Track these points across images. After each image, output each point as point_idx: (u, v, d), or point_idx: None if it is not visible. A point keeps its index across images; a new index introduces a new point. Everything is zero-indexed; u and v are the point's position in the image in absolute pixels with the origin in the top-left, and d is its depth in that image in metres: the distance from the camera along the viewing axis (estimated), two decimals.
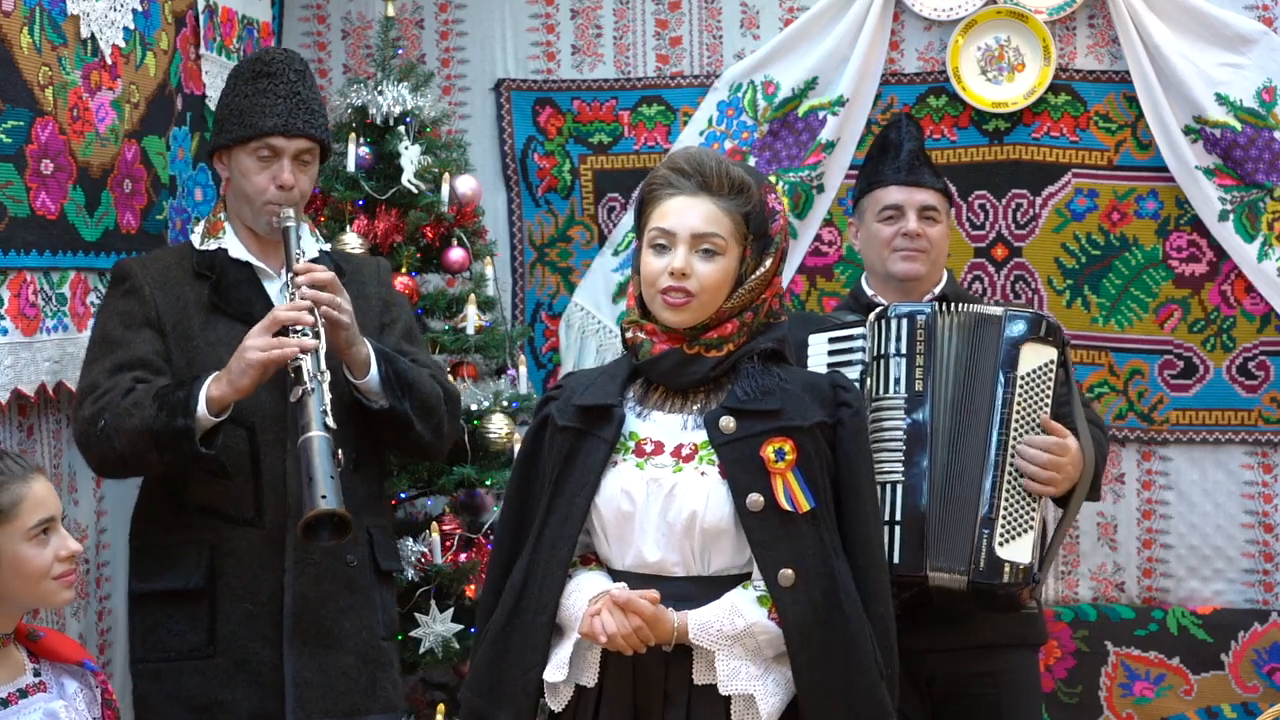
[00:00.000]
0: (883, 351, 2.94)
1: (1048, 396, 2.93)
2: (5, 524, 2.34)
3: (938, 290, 3.22)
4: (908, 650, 2.88)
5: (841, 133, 4.20)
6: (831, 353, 3.05)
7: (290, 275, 2.89)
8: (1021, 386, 2.90)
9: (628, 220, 4.33)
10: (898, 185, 3.22)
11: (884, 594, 2.43)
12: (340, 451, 2.72)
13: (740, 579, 2.37)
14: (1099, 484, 3.09)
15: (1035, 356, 2.92)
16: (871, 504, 2.46)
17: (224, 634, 2.93)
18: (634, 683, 2.35)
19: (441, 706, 3.77)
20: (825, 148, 4.19)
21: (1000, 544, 2.84)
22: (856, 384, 2.93)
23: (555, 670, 2.37)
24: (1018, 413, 2.89)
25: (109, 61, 3.18)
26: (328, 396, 2.76)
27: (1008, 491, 2.87)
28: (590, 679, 2.37)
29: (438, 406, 3.08)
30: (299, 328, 2.81)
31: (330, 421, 2.73)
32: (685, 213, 2.38)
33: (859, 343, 3.00)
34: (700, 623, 2.30)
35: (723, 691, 2.30)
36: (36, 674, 2.44)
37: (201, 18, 3.66)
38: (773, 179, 4.21)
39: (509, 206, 4.45)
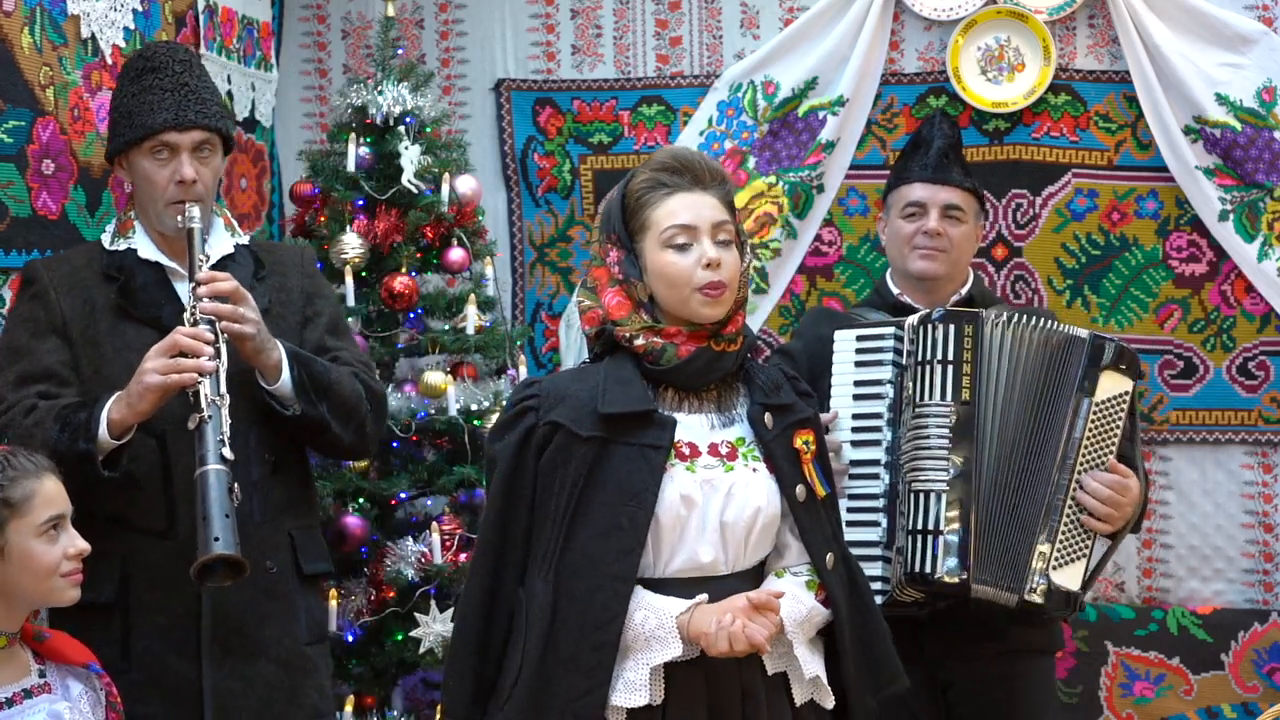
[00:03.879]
0: (926, 357, 2.91)
1: (1118, 428, 2.91)
2: (16, 519, 2.35)
3: (964, 292, 3.20)
4: (925, 655, 2.89)
5: (841, 133, 4.20)
6: (859, 351, 3.02)
7: (193, 286, 2.78)
8: (1095, 414, 2.89)
9: None
10: (922, 182, 3.21)
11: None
12: (237, 486, 2.61)
13: (758, 569, 2.44)
14: (1141, 517, 3.09)
15: (1113, 385, 2.91)
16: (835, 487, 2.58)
17: (138, 649, 2.84)
18: (707, 686, 2.34)
19: (442, 706, 3.77)
20: (825, 148, 4.19)
21: (1054, 568, 2.86)
22: (890, 385, 2.94)
23: (629, 694, 2.30)
24: (1088, 440, 2.88)
25: (109, 61, 3.18)
26: (226, 424, 2.66)
27: (1068, 518, 2.88)
28: (659, 695, 2.32)
29: (358, 408, 2.97)
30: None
31: (227, 452, 2.62)
32: (698, 207, 2.38)
33: (889, 343, 2.97)
34: (784, 614, 2.35)
35: (807, 676, 2.38)
36: (41, 675, 2.44)
37: (201, 18, 3.66)
38: (772, 179, 4.21)
39: (509, 206, 4.45)
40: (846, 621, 2.41)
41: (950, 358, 2.90)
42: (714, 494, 2.36)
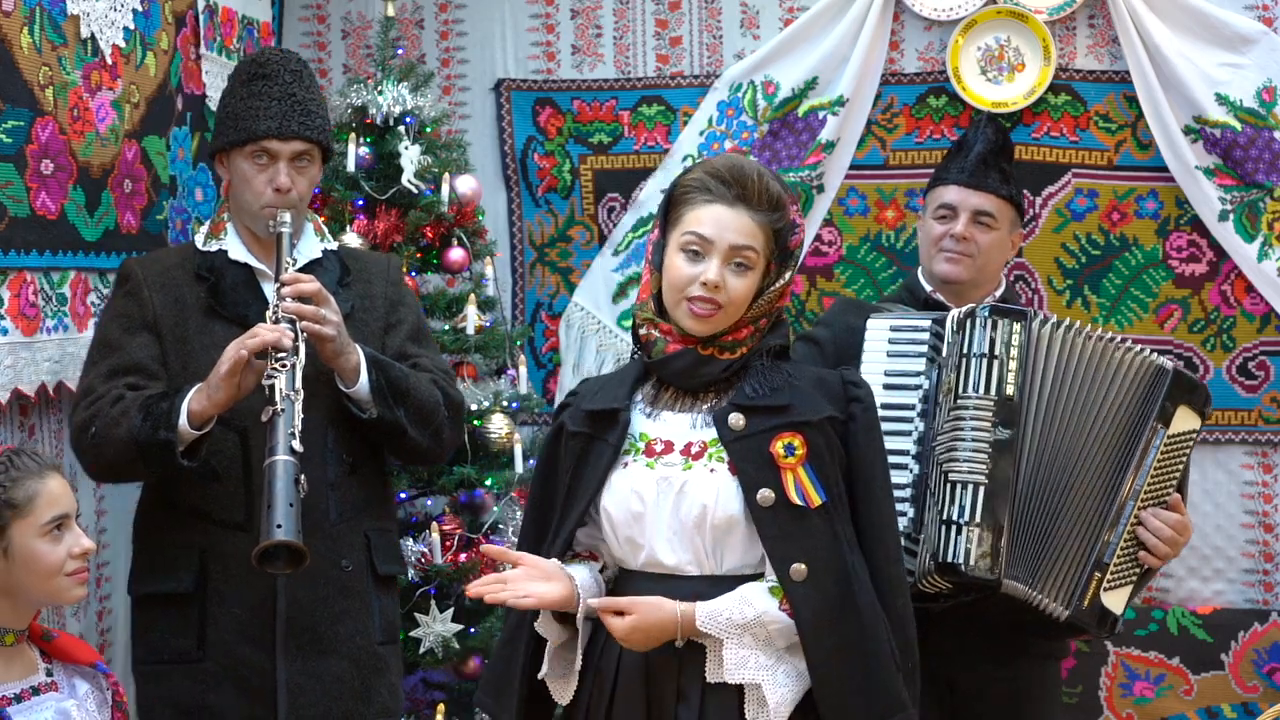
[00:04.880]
0: (969, 351, 2.90)
1: (1182, 463, 2.95)
2: (19, 519, 2.36)
3: (995, 296, 3.21)
4: (932, 652, 2.90)
5: (841, 133, 4.20)
6: (892, 341, 3.02)
7: (278, 287, 2.87)
8: (1167, 446, 2.91)
9: (628, 220, 4.33)
10: (957, 185, 3.22)
11: (902, 587, 2.44)
12: (303, 477, 2.68)
13: (753, 578, 2.38)
14: None
15: (1185, 421, 2.93)
16: (887, 498, 2.46)
17: (213, 638, 2.92)
18: (646, 681, 2.37)
19: (441, 706, 3.77)
20: (825, 148, 4.19)
21: (1106, 589, 2.88)
22: (924, 377, 2.94)
23: (545, 665, 2.43)
24: (1155, 470, 2.91)
25: (109, 61, 3.18)
26: (298, 418, 2.72)
27: (1125, 541, 2.90)
28: (576, 664, 2.41)
29: (435, 413, 3.04)
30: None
31: (297, 445, 2.69)
32: (724, 223, 2.37)
33: (924, 335, 2.97)
34: (709, 611, 2.31)
35: (729, 680, 2.30)
36: (49, 673, 2.46)
37: (201, 18, 3.66)
38: None
39: (509, 206, 4.45)
40: (821, 636, 2.31)
41: (996, 353, 2.89)
42: (668, 491, 2.37)
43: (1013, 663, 3.08)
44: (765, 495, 2.33)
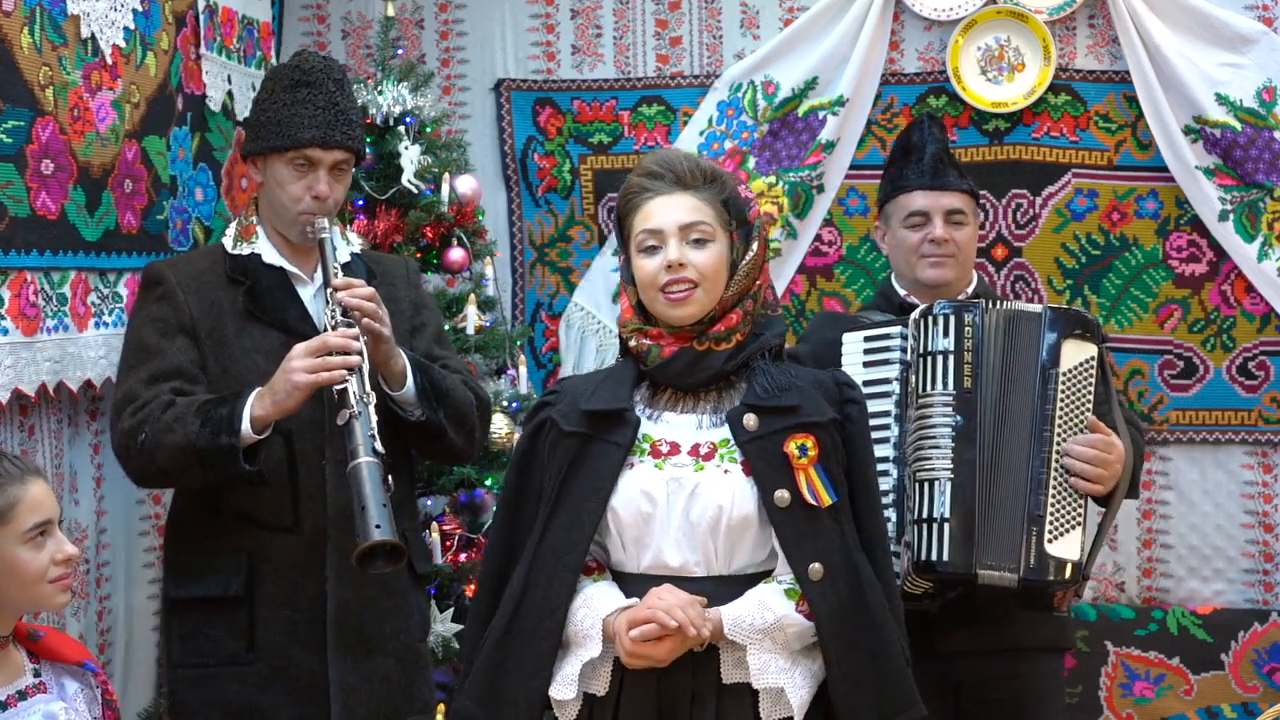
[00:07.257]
0: (928, 349, 2.92)
1: (1090, 393, 2.91)
2: (1, 526, 2.33)
3: (969, 291, 3.20)
4: (938, 653, 2.89)
5: (841, 133, 4.20)
6: (867, 351, 3.03)
7: (330, 290, 2.87)
8: (1064, 383, 2.88)
9: None
10: (923, 190, 3.20)
11: (895, 585, 2.49)
12: (390, 477, 2.70)
13: (758, 577, 2.38)
14: (1138, 481, 3.08)
15: (1076, 353, 2.90)
16: (878, 498, 2.51)
17: (263, 640, 2.92)
18: (658, 686, 2.34)
19: (442, 706, 3.77)
20: (825, 148, 4.19)
21: (1050, 541, 2.83)
22: (896, 382, 2.95)
23: (563, 687, 2.34)
24: (1061, 409, 2.88)
25: (109, 61, 3.18)
26: (374, 419, 2.75)
27: (1054, 488, 2.86)
28: (601, 688, 2.35)
29: (470, 414, 3.07)
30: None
31: (379, 445, 2.71)
32: (667, 209, 2.39)
33: (895, 341, 2.98)
34: (733, 618, 2.31)
35: (756, 685, 2.31)
36: (36, 675, 2.43)
37: (201, 18, 3.66)
38: (772, 179, 4.21)
39: (509, 206, 4.45)
40: (838, 636, 2.33)
41: (951, 348, 2.91)
42: (679, 492, 2.35)
43: (1016, 658, 3.06)
44: (782, 496, 2.34)
